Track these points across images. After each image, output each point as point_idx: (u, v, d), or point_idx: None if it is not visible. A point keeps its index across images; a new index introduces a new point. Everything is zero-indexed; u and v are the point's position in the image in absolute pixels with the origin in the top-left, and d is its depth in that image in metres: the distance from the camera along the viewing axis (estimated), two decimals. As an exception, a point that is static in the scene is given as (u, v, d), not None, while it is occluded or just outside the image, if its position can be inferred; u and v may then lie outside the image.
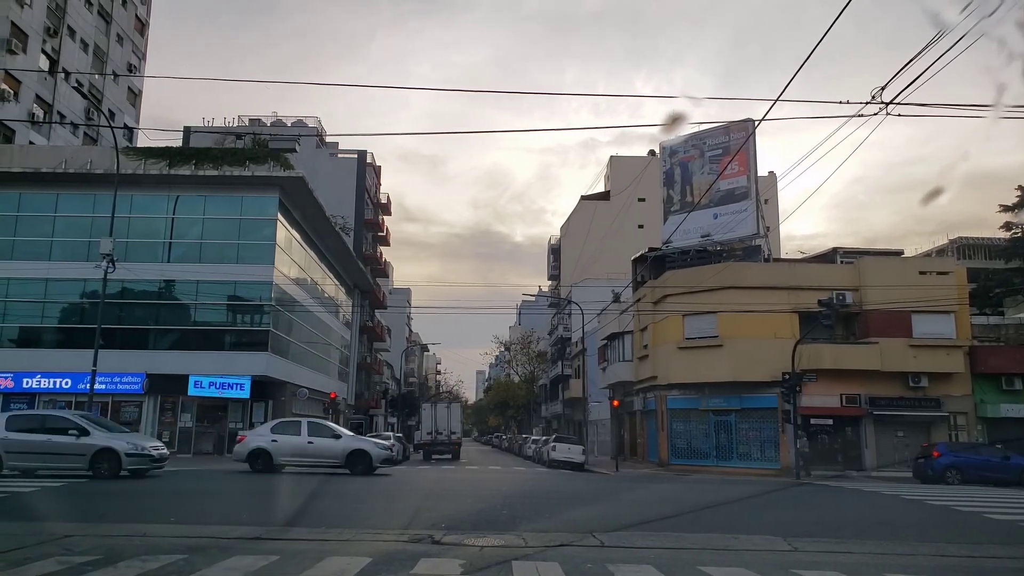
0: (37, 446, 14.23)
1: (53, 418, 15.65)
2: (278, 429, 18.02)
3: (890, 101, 9.01)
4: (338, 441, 17.63)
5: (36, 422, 15.16)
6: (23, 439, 14.28)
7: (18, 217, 28.01)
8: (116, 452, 14.21)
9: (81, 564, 5.74)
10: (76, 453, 14.21)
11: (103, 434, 14.70)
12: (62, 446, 14.23)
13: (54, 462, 14.30)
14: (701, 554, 7.00)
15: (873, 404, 25.63)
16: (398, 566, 5.96)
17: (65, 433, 14.46)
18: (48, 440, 14.34)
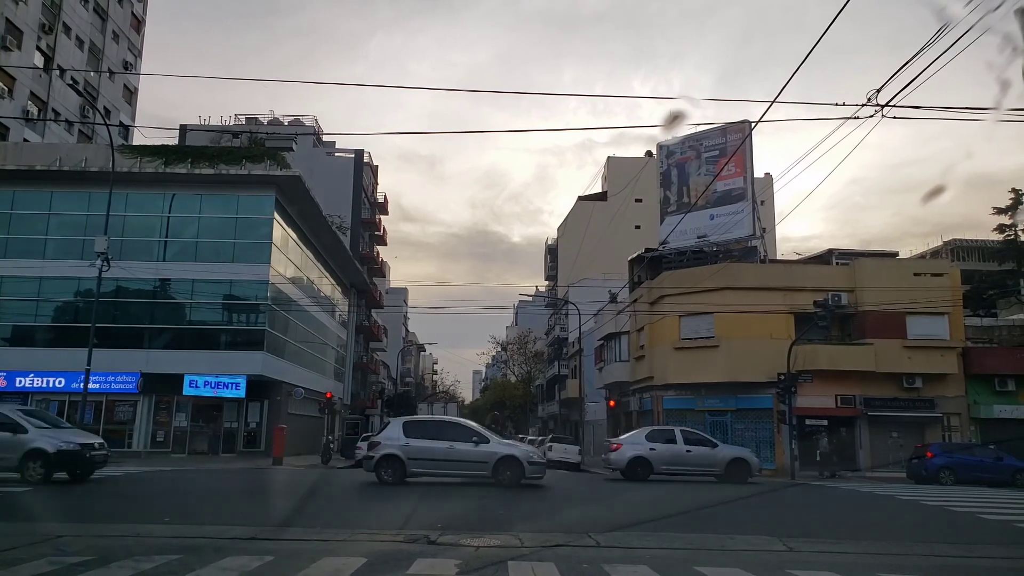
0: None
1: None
2: (654, 437, 17.94)
3: (886, 103, 9.04)
4: (715, 450, 17.79)
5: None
6: None
7: (12, 215, 27.87)
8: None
9: (73, 564, 5.71)
10: None
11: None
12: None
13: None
14: (697, 554, 7.01)
15: (868, 405, 25.72)
16: (394, 566, 5.95)
17: None
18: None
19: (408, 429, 14.74)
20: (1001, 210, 38.03)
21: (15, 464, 12.60)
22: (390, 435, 14.72)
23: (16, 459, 12.61)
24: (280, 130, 49.46)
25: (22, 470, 12.60)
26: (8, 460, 12.65)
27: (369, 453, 14.80)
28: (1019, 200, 37.21)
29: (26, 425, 13.06)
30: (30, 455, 12.62)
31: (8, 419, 13.06)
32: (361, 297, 49.61)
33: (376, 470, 14.35)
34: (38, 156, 28.05)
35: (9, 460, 12.65)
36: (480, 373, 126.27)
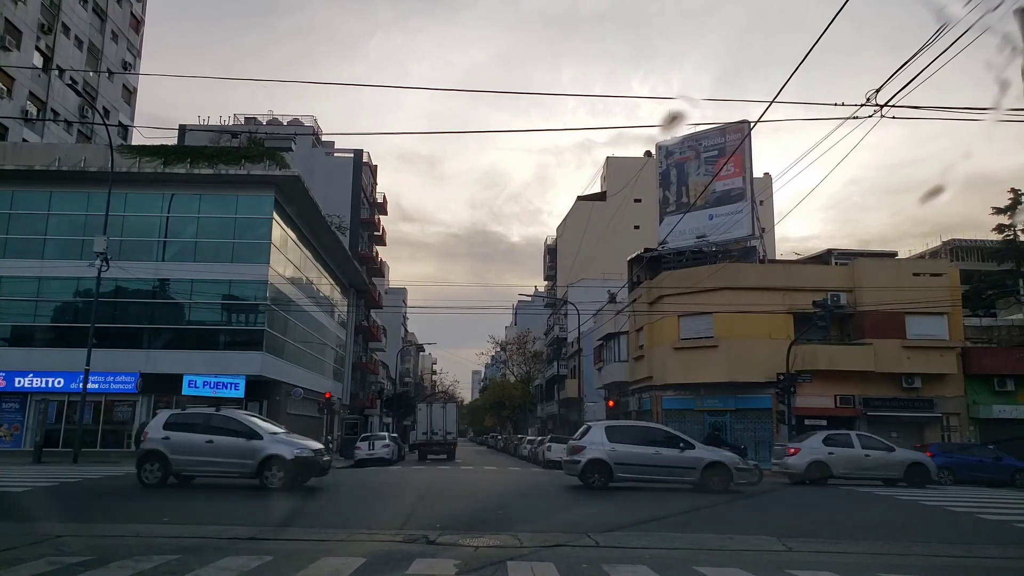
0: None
1: None
2: (832, 441, 17.38)
3: (884, 103, 9.05)
4: (891, 454, 17.11)
5: None
6: None
7: (11, 215, 27.84)
8: None
9: (73, 564, 5.71)
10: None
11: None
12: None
13: None
14: (696, 554, 7.01)
15: (867, 405, 25.74)
16: (393, 566, 5.95)
17: None
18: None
19: (612, 434, 14.79)
20: (1000, 210, 38.09)
21: (253, 471, 12.64)
22: (594, 439, 14.66)
23: (255, 466, 12.63)
24: (279, 130, 49.45)
25: (260, 477, 12.65)
26: (247, 467, 12.68)
27: (574, 457, 14.69)
28: (1018, 200, 37.26)
29: (260, 431, 13.12)
30: (267, 462, 12.59)
31: (243, 425, 13.15)
32: (360, 297, 49.59)
33: (583, 475, 14.34)
34: (37, 156, 28.03)
35: (248, 467, 12.68)
36: (479, 373, 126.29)
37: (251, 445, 12.77)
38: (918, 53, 7.76)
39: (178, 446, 12.91)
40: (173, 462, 12.84)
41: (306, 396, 31.94)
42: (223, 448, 12.82)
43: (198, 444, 12.89)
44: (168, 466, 12.86)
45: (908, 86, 8.37)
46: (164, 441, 13.00)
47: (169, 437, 13.03)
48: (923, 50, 7.66)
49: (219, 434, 13.02)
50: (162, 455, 12.86)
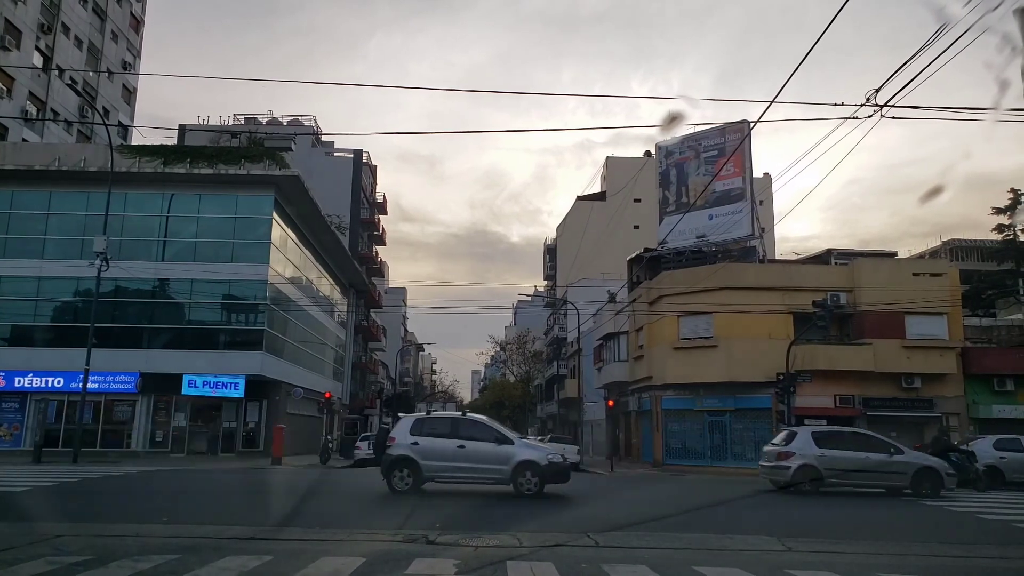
0: None
1: None
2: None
3: (884, 103, 9.05)
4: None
5: None
6: None
7: (11, 215, 27.84)
8: None
9: (72, 564, 5.71)
10: None
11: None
12: None
13: None
14: (696, 554, 7.01)
15: (867, 405, 25.74)
16: (393, 566, 5.95)
17: None
18: None
19: (819, 439, 15.08)
20: (1000, 210, 38.12)
21: (508, 477, 12.67)
22: (801, 445, 14.99)
23: (509, 472, 12.65)
24: (279, 130, 49.45)
25: (514, 483, 12.65)
26: (501, 473, 12.70)
27: (781, 464, 15.00)
28: (1018, 200, 37.29)
29: (511, 436, 13.27)
30: (520, 467, 12.64)
31: (493, 430, 13.25)
32: (360, 297, 49.59)
33: (793, 481, 14.64)
34: (37, 156, 28.03)
35: (502, 473, 12.70)
36: (479, 373, 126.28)
37: (504, 450, 12.72)
38: (918, 53, 7.76)
39: (428, 452, 12.66)
40: (424, 468, 12.58)
41: (306, 396, 31.95)
42: (476, 454, 12.66)
43: (449, 450, 12.66)
44: (419, 472, 12.58)
45: (908, 86, 8.38)
46: (413, 447, 12.69)
47: (418, 443, 12.77)
48: (923, 50, 7.66)
49: (469, 439, 12.88)
50: (412, 461, 12.55)
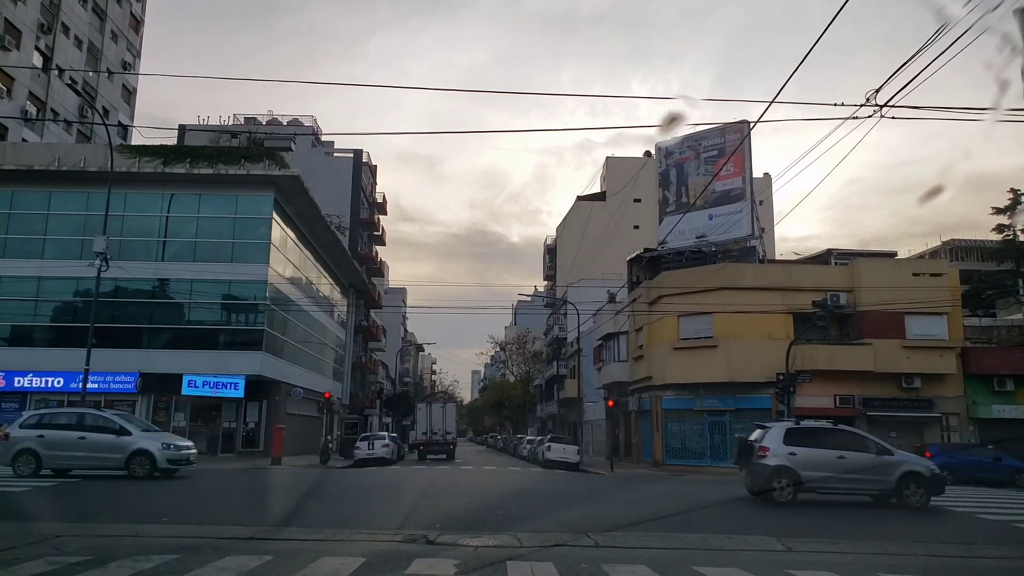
0: None
1: None
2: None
3: (884, 104, 9.05)
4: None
5: None
6: None
7: (11, 215, 27.83)
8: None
9: (72, 564, 5.70)
10: None
11: None
12: None
13: None
14: (695, 554, 7.01)
15: (867, 405, 25.74)
16: (392, 566, 5.95)
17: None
18: None
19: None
20: (1000, 210, 38.11)
21: (891, 488, 12.79)
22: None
23: (892, 483, 12.72)
24: (279, 130, 49.43)
25: (899, 494, 12.74)
26: (885, 484, 12.79)
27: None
28: (1018, 200, 37.29)
29: (890, 447, 13.46)
30: (905, 478, 12.72)
31: (863, 437, 13.59)
32: (360, 297, 49.57)
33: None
34: (37, 156, 28.02)
35: (885, 484, 12.78)
36: (479, 373, 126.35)
37: (882, 460, 12.77)
38: (918, 53, 7.76)
39: (807, 462, 12.69)
40: (805, 479, 12.68)
41: (306, 396, 31.95)
42: (855, 464, 12.75)
43: (827, 459, 12.76)
44: (799, 482, 12.66)
45: (908, 86, 8.38)
46: (791, 457, 12.69)
47: (795, 453, 12.78)
48: (923, 50, 7.66)
49: (847, 450, 13.03)
50: (792, 471, 12.62)
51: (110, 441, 14.78)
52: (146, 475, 14.55)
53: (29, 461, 14.49)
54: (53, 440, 14.70)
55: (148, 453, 14.69)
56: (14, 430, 15.05)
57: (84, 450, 14.75)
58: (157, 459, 14.70)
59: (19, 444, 14.63)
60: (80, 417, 15.57)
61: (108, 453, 14.72)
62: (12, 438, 14.81)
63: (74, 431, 14.96)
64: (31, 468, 14.47)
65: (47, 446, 14.63)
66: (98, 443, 14.76)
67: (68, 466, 15.03)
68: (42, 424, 15.15)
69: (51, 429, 14.97)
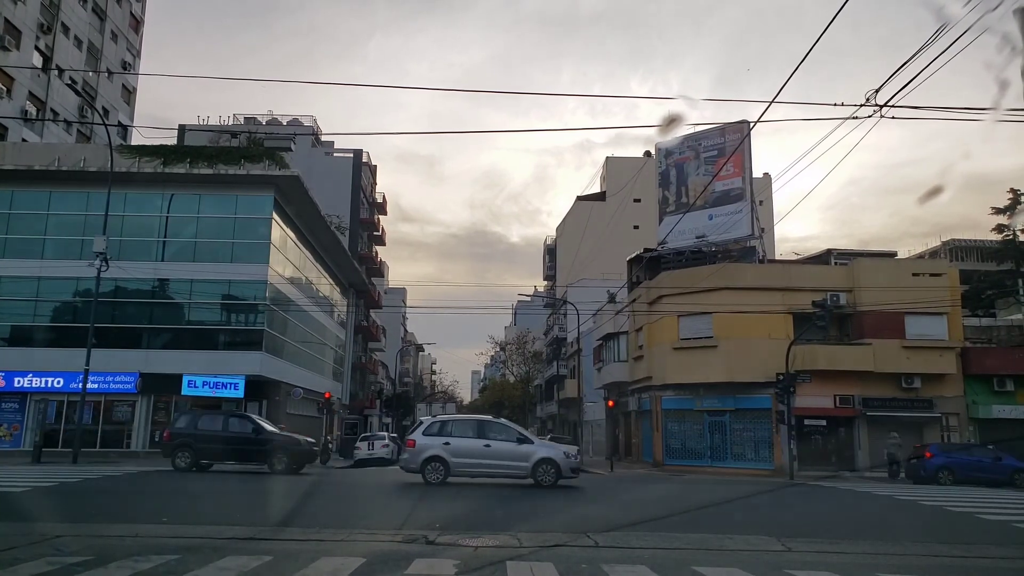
0: None
1: None
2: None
3: (884, 104, 9.06)
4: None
5: None
6: None
7: (10, 215, 27.83)
8: None
9: (72, 565, 5.70)
10: None
11: None
12: None
13: None
14: (695, 554, 7.01)
15: (866, 405, 25.74)
16: (392, 566, 5.95)
17: None
18: None
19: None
20: (1000, 210, 38.12)
21: None
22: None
23: None
24: (279, 130, 49.42)
25: None
26: None
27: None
28: (1017, 200, 37.30)
29: None
30: None
31: None
32: (360, 297, 49.58)
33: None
34: (37, 156, 28.01)
35: None
36: (479, 373, 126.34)
37: None
38: (917, 53, 7.77)
39: None
40: None
41: (306, 396, 31.95)
42: None
43: None
44: None
45: (907, 86, 8.39)
46: None
47: None
48: (922, 50, 7.66)
49: None
50: None
51: (513, 449, 14.85)
52: (551, 484, 14.55)
53: (438, 468, 14.65)
54: (459, 448, 14.81)
55: (553, 462, 14.74)
56: (419, 437, 15.15)
57: (489, 458, 14.86)
58: (562, 468, 14.76)
59: (427, 451, 14.75)
60: (480, 425, 15.71)
61: (512, 461, 14.77)
62: (419, 445, 14.93)
63: (477, 439, 15.03)
64: (440, 475, 14.61)
65: (453, 453, 14.74)
66: (502, 451, 14.83)
67: (473, 473, 14.99)
68: (443, 432, 15.26)
69: (454, 437, 15.09)
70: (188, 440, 17.29)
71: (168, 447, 17.55)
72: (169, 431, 17.94)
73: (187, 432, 17.55)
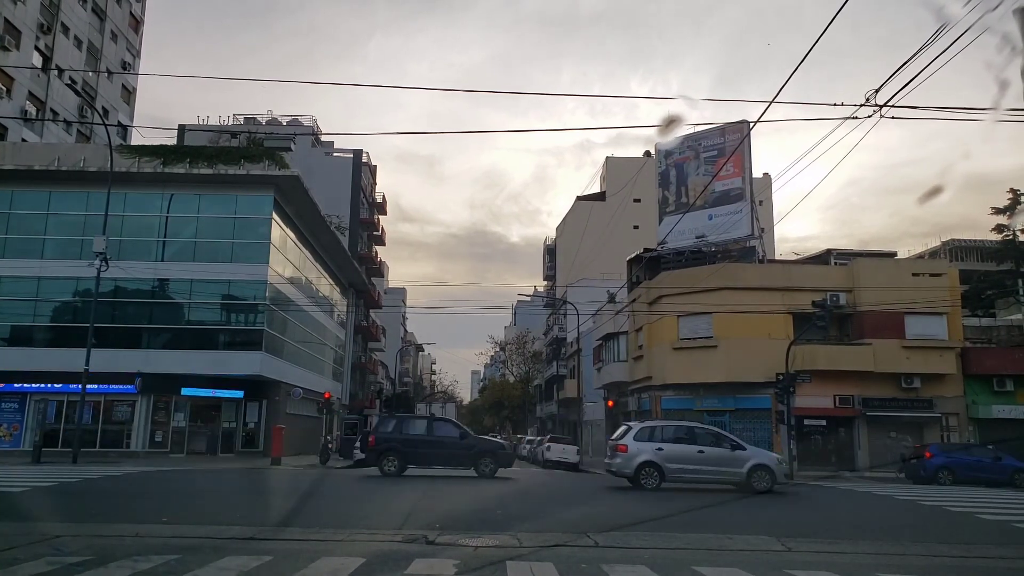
0: None
1: None
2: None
3: (884, 103, 9.06)
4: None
5: None
6: None
7: (10, 215, 27.82)
8: None
9: (72, 564, 5.70)
10: None
11: None
12: None
13: None
14: (695, 554, 7.01)
15: (866, 405, 25.76)
16: (392, 566, 5.95)
17: None
18: None
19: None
20: (999, 210, 38.15)
21: None
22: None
23: None
24: (278, 130, 49.42)
25: None
26: None
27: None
28: (1017, 200, 37.32)
29: None
30: None
31: None
32: (359, 297, 49.58)
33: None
34: (36, 156, 28.01)
35: None
36: (478, 373, 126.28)
37: None
38: (917, 53, 7.77)
39: None
40: None
41: (305, 396, 31.94)
42: None
43: None
44: None
45: (907, 86, 8.39)
46: None
47: None
48: (922, 50, 7.67)
49: None
50: None
51: (726, 455, 14.85)
52: (766, 490, 14.50)
53: (652, 474, 14.76)
54: (672, 454, 14.88)
55: (768, 468, 14.75)
56: (631, 443, 15.23)
57: (704, 464, 14.86)
58: (776, 474, 14.73)
59: (640, 457, 14.86)
60: (690, 431, 15.75)
61: (727, 467, 14.79)
62: (631, 451, 15.02)
63: (690, 445, 15.05)
64: (655, 481, 14.73)
65: (667, 459, 14.84)
66: (716, 457, 14.82)
67: (687, 479, 14.98)
68: (654, 437, 15.34)
69: (666, 443, 15.16)
70: (395, 445, 17.15)
71: (374, 452, 17.39)
72: (374, 436, 17.81)
73: (393, 437, 17.38)
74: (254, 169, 28.14)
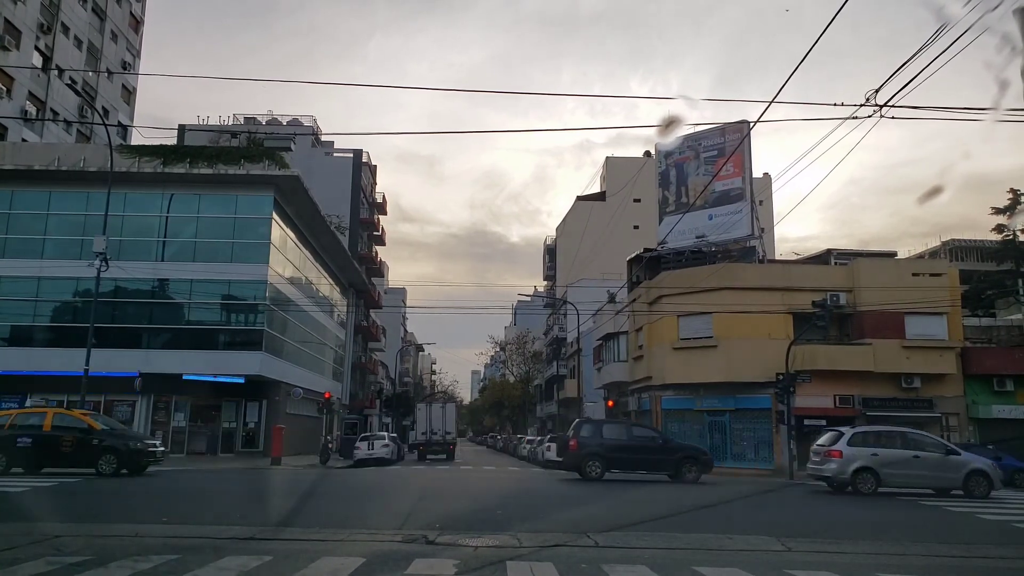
0: None
1: None
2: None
3: (884, 103, 9.06)
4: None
5: None
6: None
7: (10, 215, 27.83)
8: None
9: (72, 565, 5.70)
10: None
11: None
12: None
13: None
14: (695, 554, 7.00)
15: (866, 405, 25.73)
16: (392, 566, 5.94)
17: None
18: None
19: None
20: (999, 210, 38.13)
21: None
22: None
23: None
24: (278, 130, 49.43)
25: None
26: None
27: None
28: (1017, 200, 37.31)
29: None
30: None
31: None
32: (359, 297, 49.58)
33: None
34: (37, 156, 28.01)
35: None
36: (479, 373, 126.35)
37: None
38: (917, 53, 7.77)
39: None
40: None
41: (305, 396, 31.94)
42: None
43: None
44: None
45: (907, 86, 8.39)
46: None
47: None
48: (922, 50, 7.66)
49: None
50: None
51: (942, 460, 14.87)
52: (983, 496, 14.57)
53: (868, 479, 14.72)
54: (887, 458, 14.82)
55: (985, 473, 14.74)
56: (845, 448, 15.05)
57: (919, 469, 14.83)
58: (994, 480, 14.75)
59: (856, 462, 14.76)
60: (904, 435, 15.64)
61: (943, 472, 14.81)
62: (846, 456, 14.89)
63: (904, 450, 15.03)
64: (871, 486, 14.72)
65: (882, 464, 14.79)
66: (932, 462, 14.82)
67: (902, 484, 15.01)
68: (867, 442, 15.25)
69: (880, 448, 15.12)
70: (597, 450, 17.37)
71: (577, 456, 17.48)
72: (576, 441, 17.86)
73: (595, 442, 17.61)
74: (254, 169, 28.14)
